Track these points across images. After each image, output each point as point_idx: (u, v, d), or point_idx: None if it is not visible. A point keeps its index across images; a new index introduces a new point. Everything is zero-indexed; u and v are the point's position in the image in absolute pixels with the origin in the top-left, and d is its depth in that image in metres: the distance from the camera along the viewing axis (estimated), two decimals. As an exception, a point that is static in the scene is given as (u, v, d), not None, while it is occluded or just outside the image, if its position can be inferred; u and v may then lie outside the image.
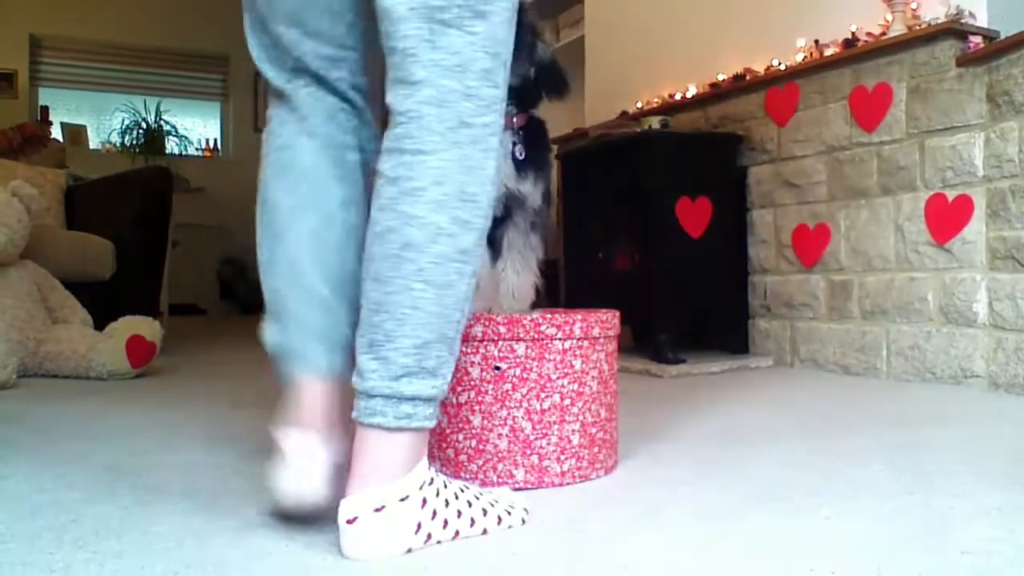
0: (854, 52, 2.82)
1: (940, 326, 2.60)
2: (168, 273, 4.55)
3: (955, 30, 2.54)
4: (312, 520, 1.18)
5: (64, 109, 7.60)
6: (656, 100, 3.77)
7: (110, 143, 7.66)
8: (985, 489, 1.39)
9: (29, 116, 7.22)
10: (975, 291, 2.50)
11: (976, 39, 2.55)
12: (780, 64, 3.15)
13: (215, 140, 8.24)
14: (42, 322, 3.17)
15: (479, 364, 1.39)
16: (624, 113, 3.93)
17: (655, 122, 3.24)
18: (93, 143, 7.73)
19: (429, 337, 1.08)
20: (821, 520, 1.22)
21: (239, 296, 7.47)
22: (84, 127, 7.73)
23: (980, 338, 2.49)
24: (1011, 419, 2.05)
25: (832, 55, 2.91)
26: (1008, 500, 1.33)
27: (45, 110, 7.44)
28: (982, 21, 2.61)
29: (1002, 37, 2.53)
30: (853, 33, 2.86)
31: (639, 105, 3.88)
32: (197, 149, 8.06)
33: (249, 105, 8.14)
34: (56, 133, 7.13)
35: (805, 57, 3.05)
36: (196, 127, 8.11)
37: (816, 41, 3.03)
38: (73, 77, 7.70)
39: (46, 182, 4.33)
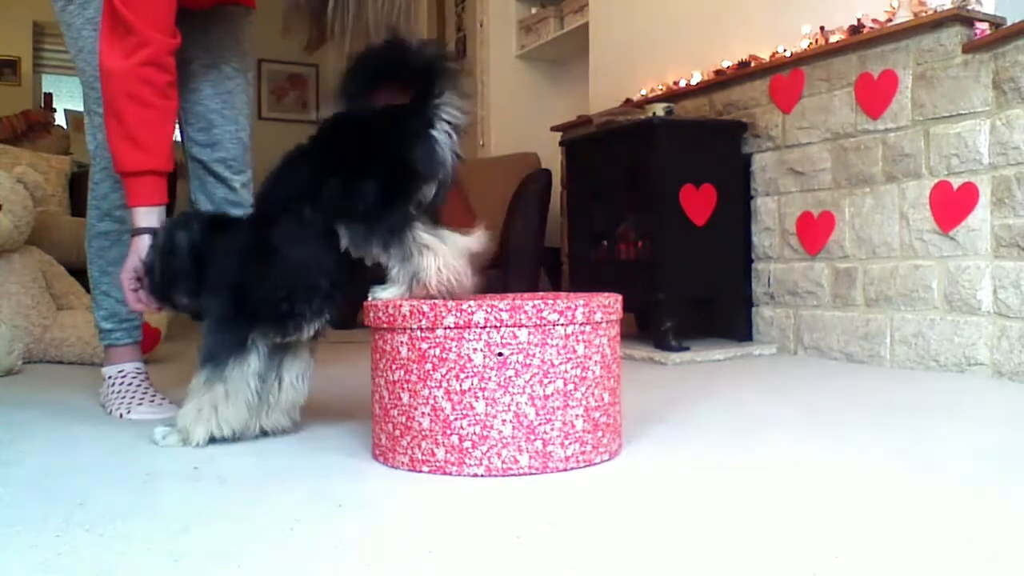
0: (859, 39, 2.81)
1: (944, 314, 2.60)
2: None
3: (961, 16, 2.53)
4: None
5: (68, 96, 7.59)
6: (660, 87, 3.76)
7: None
8: (989, 477, 1.40)
9: (33, 103, 7.22)
10: (979, 279, 2.50)
11: (982, 26, 2.54)
12: (785, 51, 3.14)
13: None
14: (47, 308, 3.18)
15: (482, 351, 1.39)
16: (628, 101, 3.92)
17: (659, 109, 3.23)
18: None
19: None
20: (824, 507, 1.23)
21: None
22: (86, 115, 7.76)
23: (984, 326, 2.49)
24: (1015, 407, 2.05)
25: (837, 42, 2.90)
26: (1013, 489, 1.33)
27: (49, 97, 7.44)
28: (989, 7, 2.60)
29: (1009, 24, 2.52)
30: (859, 20, 2.85)
31: (643, 92, 3.87)
32: None
33: (253, 92, 8.14)
34: (60, 120, 7.15)
35: (810, 44, 3.03)
36: None
37: (822, 28, 3.02)
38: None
39: (50, 168, 4.34)
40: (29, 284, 3.13)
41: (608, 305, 1.51)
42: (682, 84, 3.61)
